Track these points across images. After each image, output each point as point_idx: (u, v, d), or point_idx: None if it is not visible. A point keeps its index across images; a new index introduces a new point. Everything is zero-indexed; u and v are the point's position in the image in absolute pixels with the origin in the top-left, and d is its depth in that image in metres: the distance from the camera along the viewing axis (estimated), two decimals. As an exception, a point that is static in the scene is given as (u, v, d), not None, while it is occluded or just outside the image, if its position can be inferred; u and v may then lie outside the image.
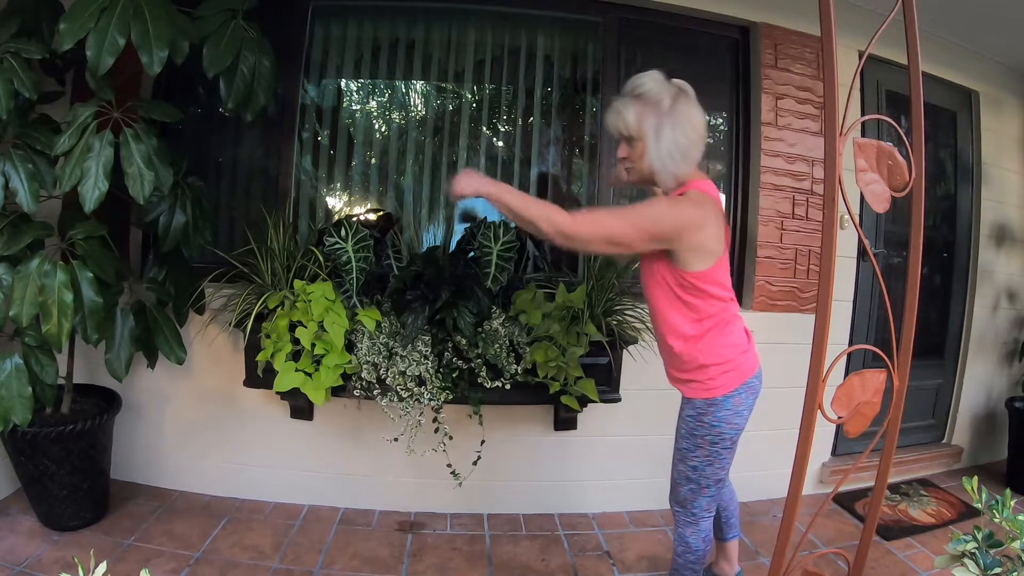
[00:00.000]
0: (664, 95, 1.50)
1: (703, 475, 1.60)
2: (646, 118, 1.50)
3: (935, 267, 3.23)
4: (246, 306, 2.13)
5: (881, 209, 1.29)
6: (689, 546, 1.67)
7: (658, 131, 1.50)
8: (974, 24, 2.78)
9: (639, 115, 1.50)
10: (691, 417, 1.59)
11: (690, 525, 1.66)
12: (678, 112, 1.50)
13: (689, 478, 1.62)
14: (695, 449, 1.59)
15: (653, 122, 1.50)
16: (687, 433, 1.60)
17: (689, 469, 1.61)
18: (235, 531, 2.24)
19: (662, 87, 1.51)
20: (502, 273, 2.14)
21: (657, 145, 1.50)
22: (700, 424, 1.57)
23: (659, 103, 1.50)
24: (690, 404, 1.60)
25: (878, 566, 2.24)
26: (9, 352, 1.90)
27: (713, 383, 1.56)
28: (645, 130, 1.50)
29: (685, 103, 1.51)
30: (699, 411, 1.58)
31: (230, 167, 2.63)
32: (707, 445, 1.57)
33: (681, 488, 1.64)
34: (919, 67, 1.31)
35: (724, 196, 2.80)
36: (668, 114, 1.49)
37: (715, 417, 1.56)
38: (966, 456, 3.26)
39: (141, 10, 1.75)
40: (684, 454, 1.62)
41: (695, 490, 1.62)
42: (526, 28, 2.68)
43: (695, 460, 1.60)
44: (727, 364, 1.57)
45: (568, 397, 2.17)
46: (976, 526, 1.17)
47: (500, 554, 2.23)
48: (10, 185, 1.81)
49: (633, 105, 1.51)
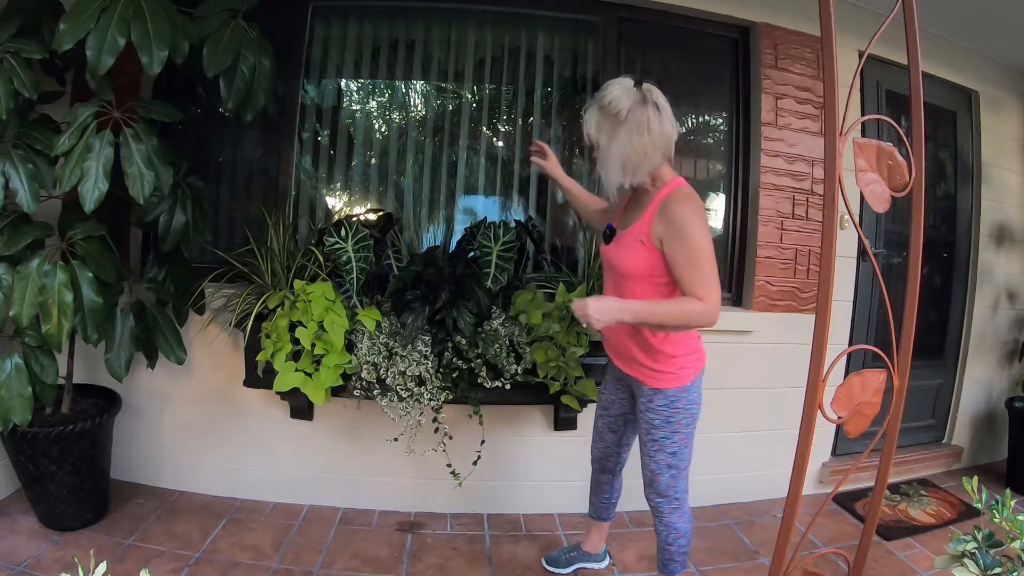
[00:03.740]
0: (624, 104, 1.52)
1: (682, 458, 1.71)
2: (603, 127, 1.55)
3: (935, 267, 3.23)
4: (246, 306, 2.13)
5: (881, 209, 1.30)
6: (680, 531, 1.76)
7: (612, 139, 1.54)
8: (974, 24, 2.78)
9: (598, 124, 1.56)
10: (664, 406, 1.67)
11: (676, 511, 1.75)
12: (634, 120, 1.52)
13: (670, 465, 1.70)
14: (673, 435, 1.68)
15: (608, 130, 1.55)
16: (662, 423, 1.68)
17: (669, 456, 1.70)
18: (235, 531, 2.24)
19: (625, 95, 1.53)
20: (502, 273, 2.14)
21: (608, 153, 1.55)
22: (675, 411, 1.67)
23: (618, 112, 1.53)
24: (659, 394, 1.67)
25: (878, 566, 2.24)
26: (9, 352, 1.90)
27: (684, 371, 1.66)
28: (602, 139, 1.56)
29: (643, 110, 1.52)
30: (671, 399, 1.67)
31: (230, 167, 2.63)
32: (683, 428, 1.68)
33: (662, 478, 1.71)
34: (919, 67, 1.31)
35: (724, 196, 2.80)
36: (624, 123, 1.52)
37: (687, 401, 1.67)
38: (966, 456, 3.26)
39: (141, 10, 1.75)
40: (662, 443, 1.69)
41: (675, 475, 1.71)
42: (526, 28, 2.68)
43: (674, 446, 1.69)
44: (695, 352, 1.69)
45: (568, 397, 2.17)
46: (976, 526, 1.17)
47: (500, 554, 2.23)
48: (10, 185, 1.81)
49: (595, 114, 1.57)
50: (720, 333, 2.59)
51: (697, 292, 1.48)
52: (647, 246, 1.56)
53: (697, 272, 1.49)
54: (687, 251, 1.50)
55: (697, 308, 1.47)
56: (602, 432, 1.95)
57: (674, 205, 1.54)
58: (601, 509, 2.08)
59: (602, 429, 1.95)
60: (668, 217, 1.53)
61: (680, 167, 2.87)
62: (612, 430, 1.93)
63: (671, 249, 1.52)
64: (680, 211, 1.52)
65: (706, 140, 2.91)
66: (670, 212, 1.53)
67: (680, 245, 1.50)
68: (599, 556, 2.15)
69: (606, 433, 1.94)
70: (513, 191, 2.71)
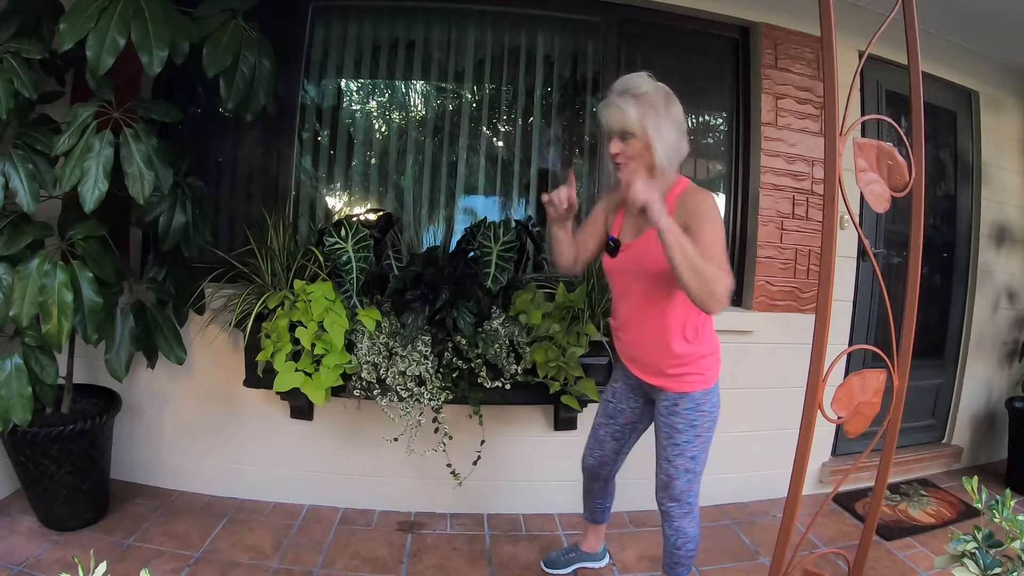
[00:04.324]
0: (659, 97, 1.59)
1: (700, 463, 1.69)
2: (648, 118, 1.57)
3: (935, 267, 3.23)
4: (246, 306, 2.13)
5: (881, 209, 1.30)
6: (689, 536, 1.73)
7: (660, 131, 1.58)
8: (974, 24, 2.78)
9: (642, 114, 1.57)
10: (689, 410, 1.66)
11: (687, 516, 1.72)
12: (672, 113, 1.60)
13: (688, 469, 1.68)
14: (695, 439, 1.66)
15: (654, 123, 1.58)
16: (686, 427, 1.66)
17: (689, 460, 1.67)
18: (235, 531, 2.24)
19: (657, 88, 1.61)
20: (502, 273, 2.14)
21: (662, 144, 1.58)
22: (700, 414, 1.66)
23: (657, 105, 1.58)
24: (686, 398, 1.66)
25: (878, 566, 2.24)
26: (9, 352, 1.90)
27: (709, 372, 1.67)
28: (648, 130, 1.57)
29: (675, 105, 1.62)
30: (697, 402, 1.66)
31: (230, 167, 2.63)
32: (705, 432, 1.67)
33: (678, 482, 1.69)
34: (919, 67, 1.31)
35: (724, 196, 2.80)
36: (665, 115, 1.59)
37: (711, 404, 1.67)
38: (966, 456, 3.26)
39: (141, 10, 1.75)
40: (684, 448, 1.67)
41: (691, 480, 1.69)
42: (526, 28, 2.68)
43: (695, 450, 1.67)
44: (717, 352, 1.70)
45: (568, 397, 2.17)
46: (976, 526, 1.17)
47: (500, 554, 2.23)
48: (10, 185, 1.81)
49: (636, 105, 1.57)
50: (720, 333, 2.56)
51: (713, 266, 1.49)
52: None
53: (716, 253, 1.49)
54: (710, 238, 1.51)
55: (720, 274, 1.45)
56: (603, 440, 1.91)
57: (695, 196, 1.60)
58: (597, 513, 2.08)
59: (603, 437, 1.91)
60: (693, 210, 1.56)
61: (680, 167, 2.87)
62: (616, 439, 1.89)
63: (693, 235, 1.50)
64: (704, 204, 1.58)
65: (706, 140, 2.91)
66: (694, 205, 1.58)
67: (704, 233, 1.51)
68: (598, 555, 2.15)
69: (607, 441, 1.90)
70: (513, 191, 2.71)
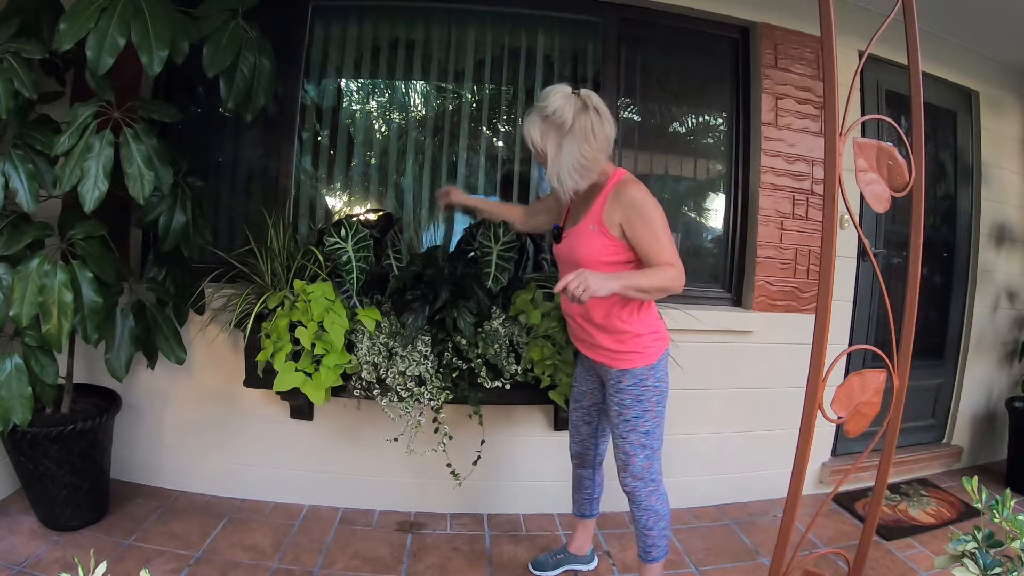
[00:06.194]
0: (567, 113, 1.60)
1: (655, 437, 1.75)
2: (549, 137, 1.63)
3: (935, 267, 3.23)
4: (246, 306, 2.13)
5: (881, 209, 1.30)
6: (659, 513, 1.78)
7: (559, 148, 1.62)
8: (974, 24, 2.78)
9: (543, 133, 1.63)
10: (633, 386, 1.72)
11: (653, 493, 1.77)
12: (579, 128, 1.60)
13: (644, 445, 1.74)
14: (644, 414, 1.72)
15: (555, 139, 1.63)
16: (632, 402, 1.72)
17: (643, 436, 1.73)
18: (235, 531, 2.24)
19: (566, 103, 1.60)
20: (502, 273, 2.14)
21: (558, 162, 1.63)
22: (645, 388, 1.72)
23: (562, 123, 1.60)
24: (627, 374, 1.72)
25: (878, 566, 2.24)
26: (9, 352, 1.89)
27: (649, 350, 1.72)
28: (548, 149, 1.64)
29: (586, 117, 1.61)
30: (640, 378, 1.71)
31: (230, 167, 2.62)
32: (654, 406, 1.73)
33: (637, 459, 1.74)
34: (919, 67, 1.31)
35: (724, 196, 2.81)
36: (569, 132, 1.61)
37: (655, 378, 1.73)
38: (966, 456, 3.26)
39: (141, 10, 1.75)
40: (635, 423, 1.72)
41: (650, 456, 1.75)
42: (526, 28, 2.68)
43: (647, 425, 1.73)
44: (658, 332, 1.75)
45: (555, 393, 2.15)
46: (976, 526, 1.17)
47: (500, 554, 2.23)
48: (10, 185, 1.81)
49: (539, 123, 1.64)
50: (720, 333, 2.60)
51: (666, 259, 1.59)
52: (600, 232, 1.65)
53: (660, 244, 1.60)
54: (650, 226, 1.61)
55: (670, 272, 1.57)
56: (577, 425, 2.00)
57: (627, 190, 1.64)
58: (584, 505, 2.10)
59: (577, 422, 2.00)
60: (625, 201, 1.63)
61: (680, 167, 2.88)
62: (586, 422, 1.97)
63: (633, 229, 1.61)
64: (635, 194, 1.63)
65: (706, 140, 2.91)
66: (626, 197, 1.63)
67: (642, 223, 1.61)
68: (586, 558, 2.15)
69: (581, 426, 1.99)
70: (513, 191, 2.71)
